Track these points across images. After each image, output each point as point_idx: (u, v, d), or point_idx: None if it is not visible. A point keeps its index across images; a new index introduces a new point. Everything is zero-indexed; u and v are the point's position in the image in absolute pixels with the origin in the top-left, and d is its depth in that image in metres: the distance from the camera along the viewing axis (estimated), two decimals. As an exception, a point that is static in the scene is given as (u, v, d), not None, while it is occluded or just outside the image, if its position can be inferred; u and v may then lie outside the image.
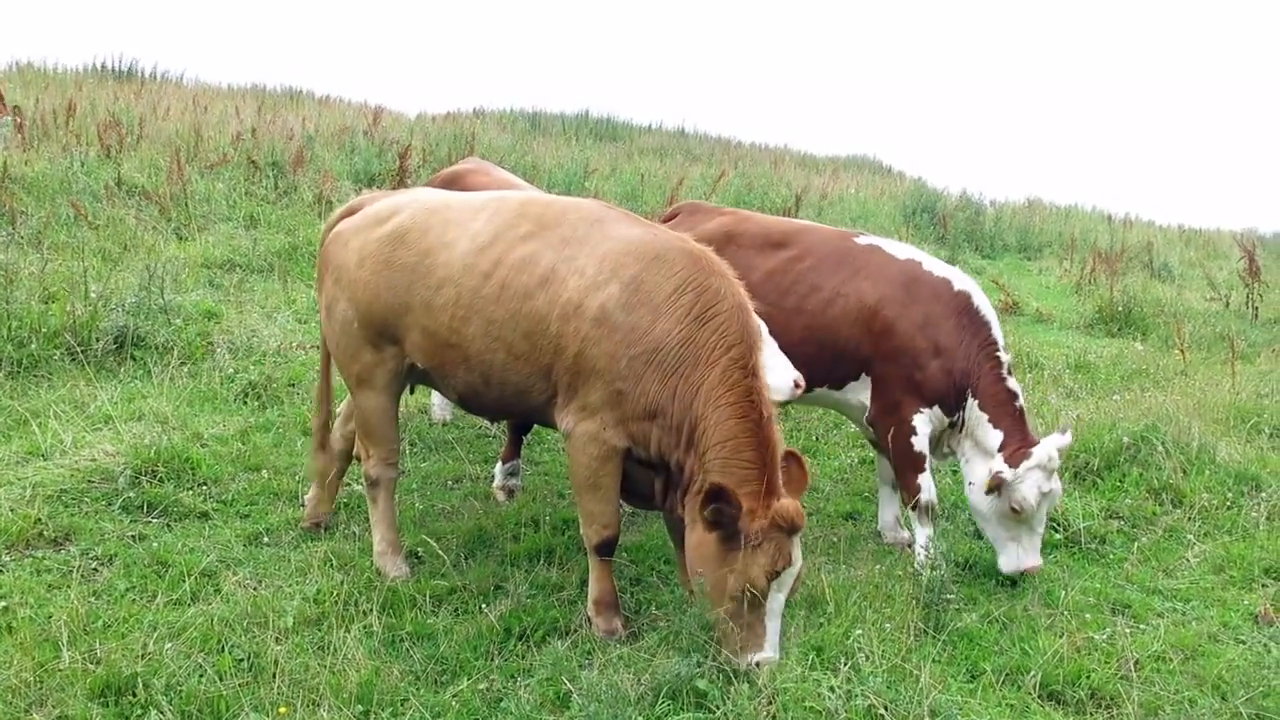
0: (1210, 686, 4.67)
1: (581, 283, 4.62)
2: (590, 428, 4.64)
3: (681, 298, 4.58)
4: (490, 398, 4.99)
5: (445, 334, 4.87)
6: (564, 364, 4.66)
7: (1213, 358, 11.00)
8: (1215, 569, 6.11)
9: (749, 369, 4.52)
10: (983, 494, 5.54)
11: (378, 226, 5.13)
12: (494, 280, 4.76)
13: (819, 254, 6.15)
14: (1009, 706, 4.44)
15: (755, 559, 4.24)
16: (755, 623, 4.31)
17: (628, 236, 4.74)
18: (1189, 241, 21.58)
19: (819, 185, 20.27)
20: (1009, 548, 5.57)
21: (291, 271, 10.14)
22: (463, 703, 4.21)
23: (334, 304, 5.23)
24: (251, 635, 4.52)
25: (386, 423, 5.32)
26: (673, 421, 4.55)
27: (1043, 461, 5.40)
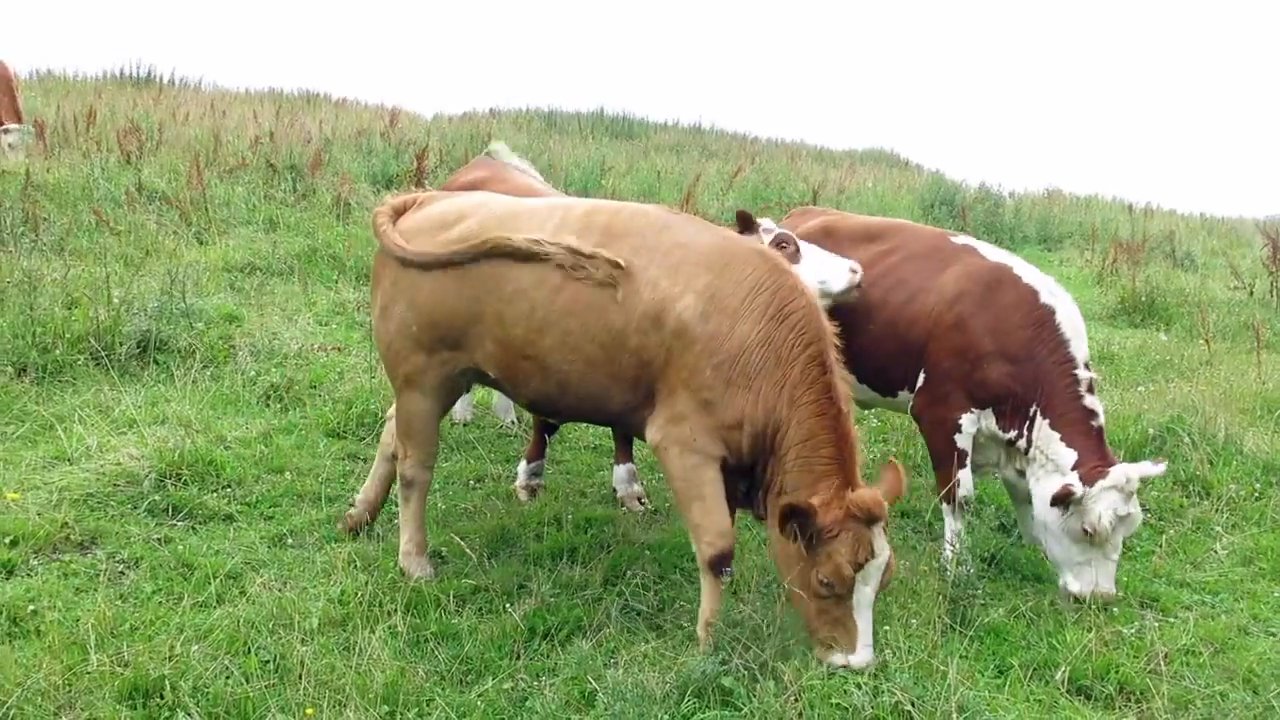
0: (1241, 680, 4.62)
1: (656, 295, 4.59)
2: (681, 435, 4.59)
3: (757, 298, 4.56)
4: (565, 404, 4.97)
5: (520, 345, 4.83)
6: (649, 375, 4.64)
7: (1238, 347, 10.89)
8: (1244, 561, 6.05)
9: (826, 365, 4.53)
10: (1049, 506, 5.29)
11: (443, 231, 5.05)
12: (565, 294, 4.71)
13: (910, 249, 6.10)
14: (1037, 702, 4.41)
15: (836, 549, 4.24)
16: (844, 618, 4.31)
17: (697, 243, 4.71)
18: (1211, 230, 21.37)
19: (836, 179, 20.18)
20: (1081, 572, 5.26)
21: (311, 274, 10.17)
22: (488, 702, 4.21)
23: (391, 305, 5.16)
24: (277, 637, 4.53)
25: (429, 426, 5.31)
26: (759, 425, 4.53)
27: (1120, 483, 5.15)
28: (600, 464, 7.13)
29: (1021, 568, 5.77)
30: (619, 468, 6.58)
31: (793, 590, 4.41)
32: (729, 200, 15.74)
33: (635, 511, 6.38)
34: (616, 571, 5.34)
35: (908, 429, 7.65)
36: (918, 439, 7.35)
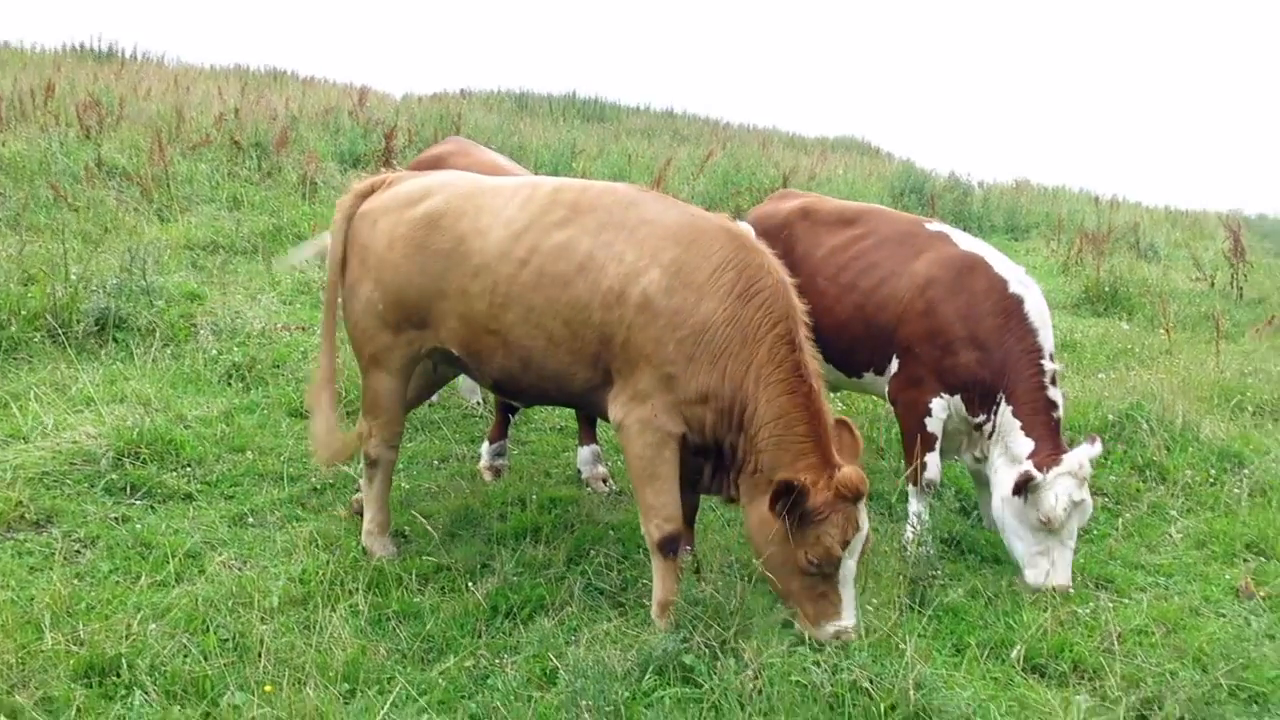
0: (1191, 659, 4.70)
1: (621, 270, 4.57)
2: (643, 414, 4.57)
3: (723, 276, 4.54)
4: (528, 382, 4.94)
5: (484, 321, 4.80)
6: (612, 352, 4.61)
7: (1197, 337, 11.06)
8: (1198, 544, 6.15)
9: (795, 343, 4.53)
10: (1011, 500, 5.33)
11: (409, 208, 5.03)
12: (530, 267, 4.69)
13: (883, 234, 6.13)
14: (993, 680, 4.46)
15: (826, 531, 4.28)
16: (830, 592, 4.38)
17: (664, 219, 4.69)
18: (1175, 222, 21.63)
19: (807, 166, 20.23)
20: (1038, 562, 5.29)
21: (276, 253, 10.06)
22: (449, 680, 4.21)
23: (358, 285, 5.13)
24: (237, 615, 4.51)
25: (395, 405, 5.28)
26: (725, 402, 4.52)
27: (1073, 469, 5.21)
28: (565, 445, 7.13)
29: (981, 549, 5.83)
30: (583, 449, 6.58)
31: (774, 570, 4.43)
32: (699, 185, 15.75)
33: (599, 492, 6.38)
34: (580, 551, 5.35)
35: (872, 412, 7.72)
36: (882, 422, 7.43)
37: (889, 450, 7.22)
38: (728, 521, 5.87)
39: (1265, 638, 5.01)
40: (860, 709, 4.03)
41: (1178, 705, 4.18)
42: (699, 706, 3.99)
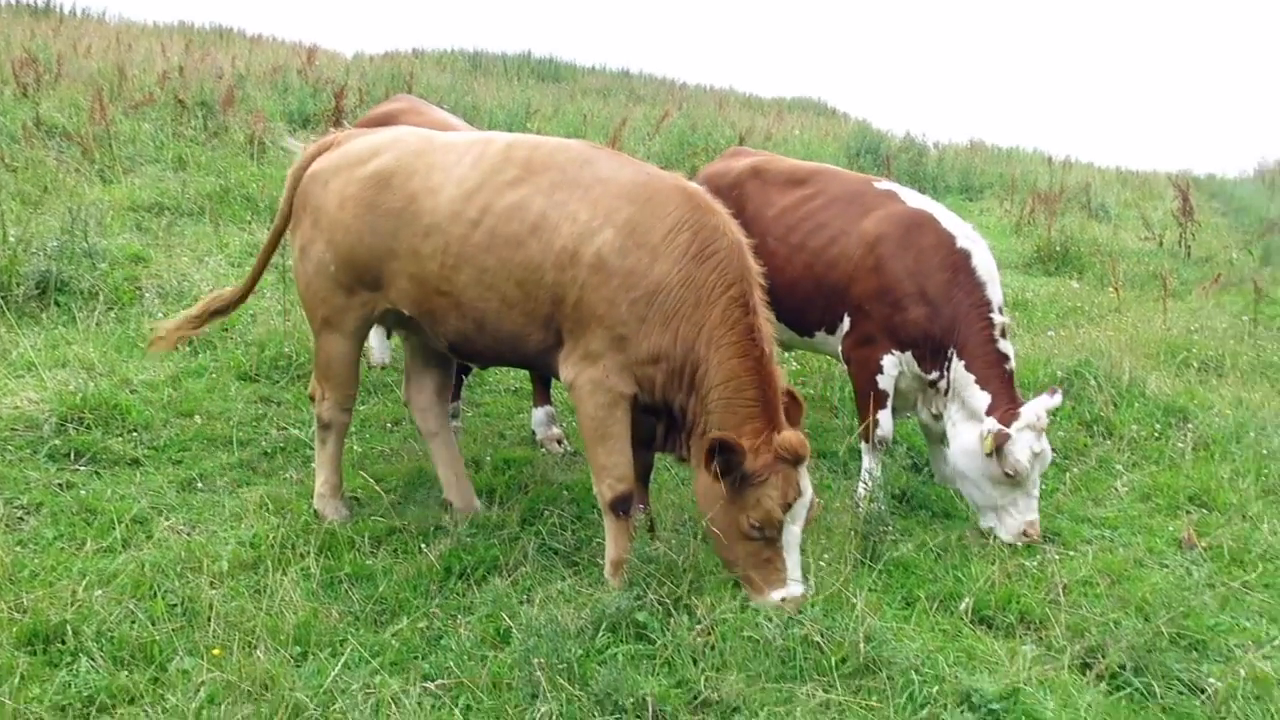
0: (1134, 608, 4.80)
1: (575, 229, 4.51)
2: (594, 375, 4.54)
3: (678, 237, 4.50)
4: (483, 344, 4.89)
5: (435, 282, 4.74)
6: (564, 313, 4.56)
7: (1146, 295, 11.21)
8: (1142, 497, 6.27)
9: (749, 306, 4.49)
10: (974, 455, 5.39)
11: (359, 167, 4.94)
12: (483, 227, 4.62)
13: (833, 194, 6.13)
14: (941, 631, 4.53)
15: (766, 494, 4.26)
16: (774, 558, 4.35)
17: (619, 178, 4.63)
18: (1126, 182, 21.85)
19: (764, 126, 20.18)
20: (1005, 515, 5.42)
21: (223, 214, 9.88)
22: (402, 641, 4.20)
23: (309, 246, 5.05)
24: (185, 580, 4.46)
25: (348, 367, 5.22)
26: (676, 364, 4.49)
27: (1033, 421, 5.29)
28: (519, 407, 7.11)
29: (931, 505, 5.90)
30: (537, 410, 6.56)
31: (719, 536, 4.42)
32: (655, 145, 15.65)
33: (554, 453, 6.37)
34: (534, 511, 5.34)
35: (826, 371, 7.76)
36: (835, 381, 7.47)
37: (842, 409, 7.27)
38: (681, 481, 5.89)
39: (1205, 587, 5.13)
40: (812, 662, 4.07)
41: (1120, 653, 4.27)
42: (652, 662, 4.02)
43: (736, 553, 4.40)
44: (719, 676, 3.95)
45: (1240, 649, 4.57)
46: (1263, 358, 8.98)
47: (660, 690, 3.81)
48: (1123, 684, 4.20)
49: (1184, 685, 4.23)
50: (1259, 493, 6.26)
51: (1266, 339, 9.68)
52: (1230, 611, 4.94)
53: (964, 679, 4.06)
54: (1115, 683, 4.21)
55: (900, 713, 3.86)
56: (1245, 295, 11.11)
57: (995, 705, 3.88)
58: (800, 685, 3.97)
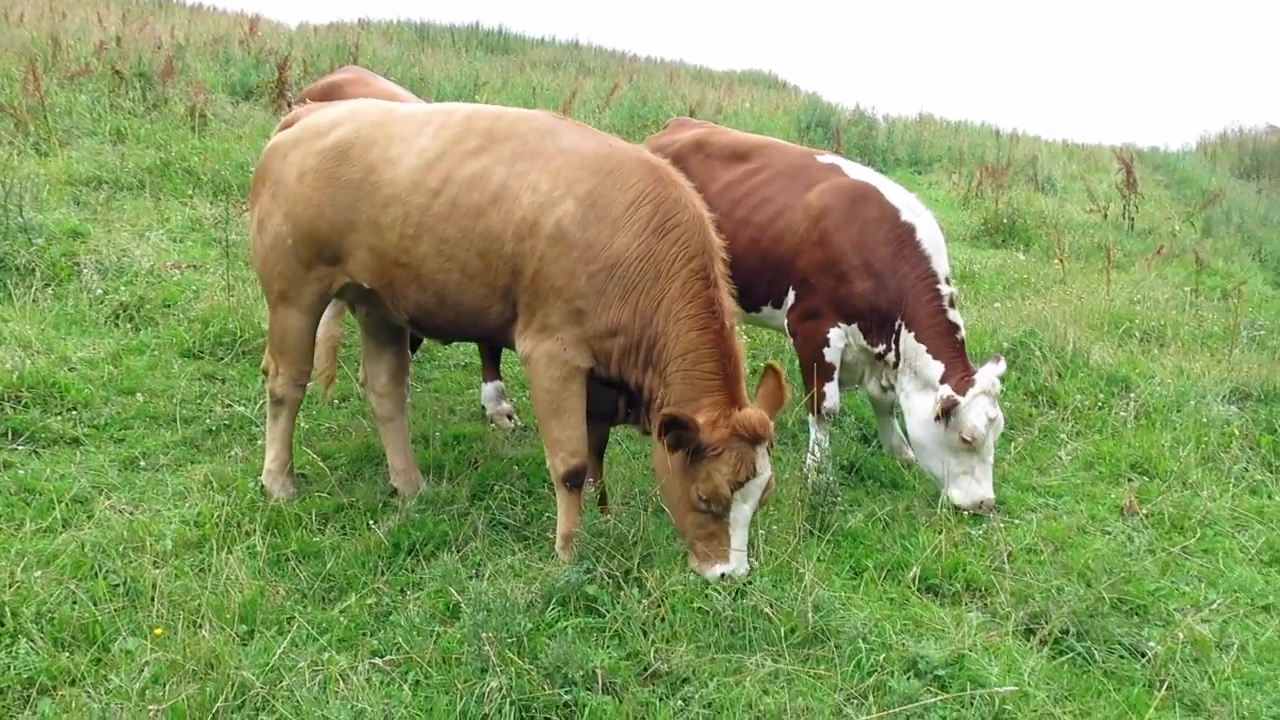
0: (1077, 575, 4.89)
1: (536, 199, 4.45)
2: (551, 348, 4.50)
3: (639, 210, 4.45)
4: (444, 319, 4.82)
5: (394, 254, 4.66)
6: (522, 284, 4.50)
7: (1090, 267, 11.38)
8: (1086, 466, 6.38)
9: (710, 279, 4.45)
10: (930, 425, 5.44)
11: (318, 139, 4.86)
12: (444, 198, 4.55)
13: (777, 168, 6.11)
14: (889, 600, 4.58)
15: (717, 469, 4.22)
16: (720, 533, 4.33)
17: (581, 149, 4.58)
18: (1072, 155, 22.13)
19: (714, 99, 20.12)
20: (962, 481, 5.46)
21: (164, 189, 9.67)
22: (351, 618, 4.16)
23: (267, 218, 4.96)
24: (128, 560, 4.39)
25: (303, 343, 5.14)
26: (634, 338, 4.45)
27: (987, 388, 5.36)
28: (469, 382, 7.06)
29: (879, 475, 5.96)
30: (487, 385, 6.52)
31: (671, 505, 4.44)
32: (605, 118, 15.56)
33: (504, 428, 6.34)
34: (484, 486, 5.32)
35: (775, 344, 7.78)
36: (785, 354, 7.50)
37: (790, 381, 7.29)
38: (632, 454, 5.90)
39: (1146, 553, 5.25)
40: (761, 632, 4.11)
41: (1063, 619, 4.35)
42: (602, 635, 4.02)
43: (685, 522, 4.42)
44: (669, 648, 3.97)
45: (1179, 613, 4.68)
46: (1203, 327, 9.17)
47: (610, 662, 3.82)
48: (1065, 649, 4.28)
49: (1125, 649, 4.33)
50: (1199, 460, 6.41)
51: (1207, 309, 9.88)
52: (1170, 577, 5.06)
53: (911, 646, 4.11)
54: (1058, 647, 4.29)
55: (848, 680, 3.90)
56: (1187, 266, 11.32)
57: (941, 671, 3.93)
58: (749, 655, 4.00)
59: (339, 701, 3.55)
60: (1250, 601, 4.91)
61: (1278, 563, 5.34)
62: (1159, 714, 3.84)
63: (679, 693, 3.79)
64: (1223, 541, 5.46)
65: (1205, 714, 3.99)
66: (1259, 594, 4.97)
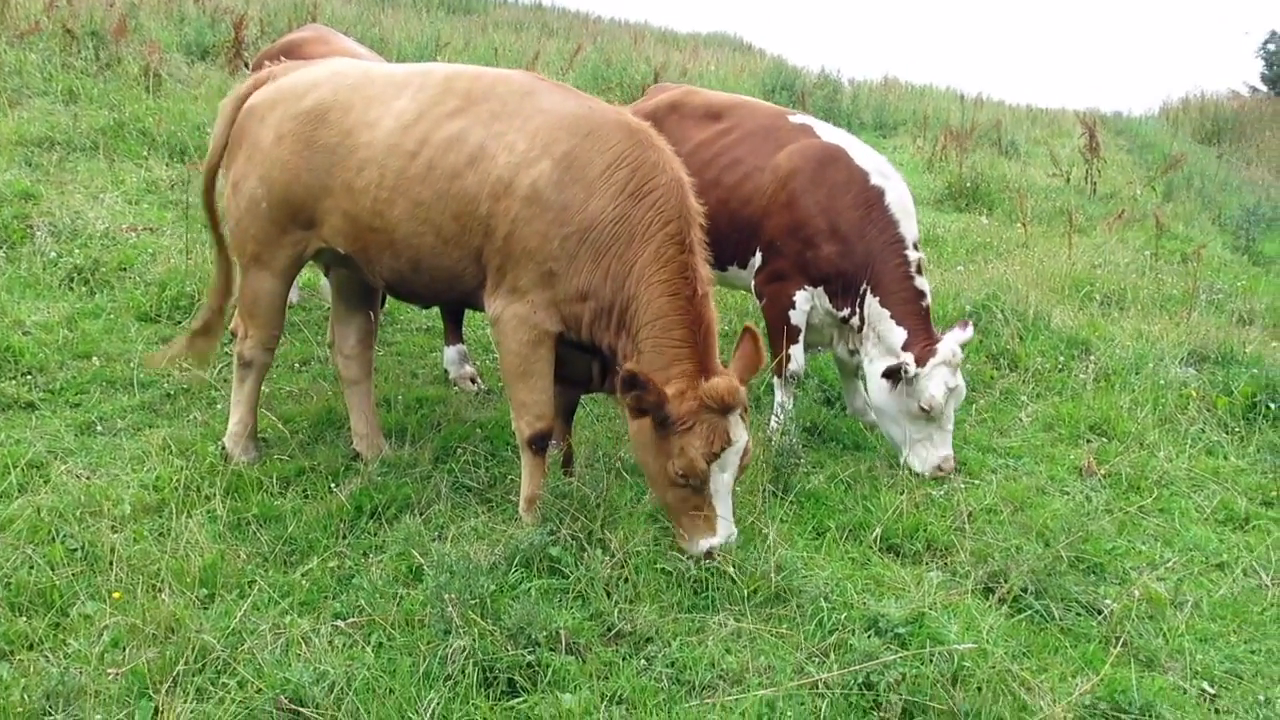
0: (1036, 534, 4.95)
1: (512, 159, 4.39)
2: (520, 311, 4.44)
3: (616, 173, 4.38)
4: (420, 284, 4.76)
5: (368, 218, 4.59)
6: (494, 246, 4.43)
7: (1052, 231, 11.45)
8: (1045, 427, 6.45)
9: (685, 245, 4.38)
10: (890, 391, 5.43)
11: (296, 102, 4.78)
12: (420, 160, 4.48)
13: (747, 129, 6.06)
14: (850, 560, 4.63)
15: (690, 442, 4.14)
16: (702, 506, 4.24)
17: (560, 110, 4.51)
18: (1035, 120, 22.19)
19: (679, 62, 19.97)
20: (920, 448, 5.47)
21: (118, 150, 9.47)
22: (313, 581, 4.14)
23: (242, 181, 4.88)
24: (85, 525, 4.34)
25: (275, 307, 5.08)
26: (605, 302, 4.39)
27: (948, 358, 5.35)
28: (432, 345, 7.01)
29: (842, 437, 5.99)
30: (450, 349, 6.47)
31: (651, 482, 4.39)
32: (568, 80, 15.39)
33: (467, 391, 6.31)
34: (447, 449, 5.29)
35: (740, 306, 7.78)
36: (751, 315, 7.49)
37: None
38: (596, 417, 5.89)
39: (1104, 513, 5.33)
40: (724, 592, 4.13)
41: (1022, 577, 4.41)
42: (566, 596, 4.03)
43: (666, 499, 4.34)
44: (632, 608, 3.98)
45: (1135, 571, 4.76)
46: (1163, 291, 9.27)
47: (574, 623, 3.83)
48: (1024, 607, 4.34)
49: (1082, 607, 4.39)
50: (1156, 421, 6.49)
51: (1167, 273, 9.98)
52: (1127, 536, 5.14)
53: (872, 605, 4.16)
54: (1017, 605, 4.35)
55: (810, 639, 3.94)
56: (1147, 230, 11.43)
57: (901, 630, 3.97)
58: (712, 615, 4.03)
59: (301, 664, 3.53)
60: (1204, 560, 5.00)
61: (1232, 522, 5.44)
62: (1114, 669, 3.90)
63: (642, 652, 3.81)
64: (1178, 501, 5.55)
65: (1159, 669, 4.07)
66: (1213, 552, 5.06)
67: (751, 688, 3.63)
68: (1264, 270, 11.15)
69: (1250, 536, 5.27)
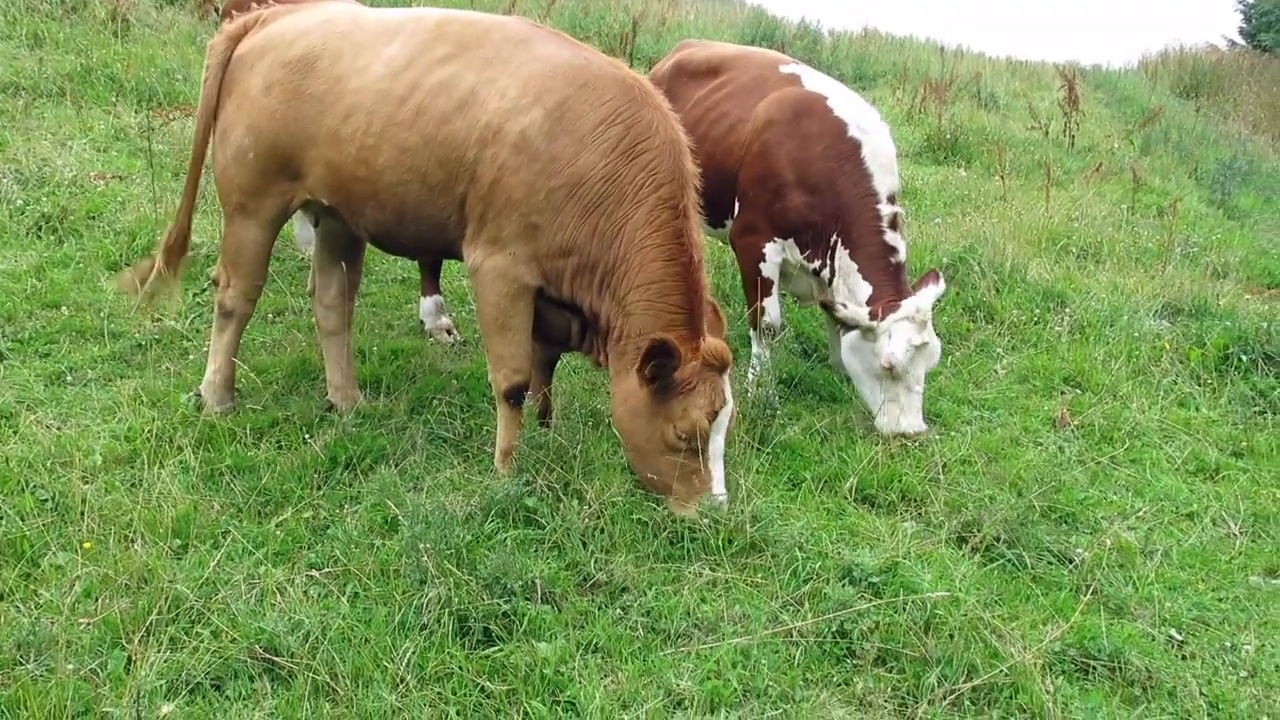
0: (1009, 484, 4.98)
1: (502, 105, 4.30)
2: (500, 263, 4.38)
3: (610, 129, 4.29)
4: (406, 236, 4.69)
5: (352, 166, 4.51)
6: (478, 193, 4.36)
7: (1030, 184, 11.43)
8: (1020, 379, 6.48)
9: (679, 209, 4.31)
10: (855, 349, 5.36)
11: (285, 50, 4.69)
12: (409, 105, 4.39)
13: (740, 82, 5.99)
14: (826, 510, 4.65)
15: (693, 403, 4.15)
16: (698, 470, 4.24)
17: (556, 59, 4.41)
18: (1015, 72, 22.07)
19: (658, 11, 19.69)
20: (888, 409, 5.34)
21: (86, 96, 9.27)
22: (287, 532, 4.13)
23: (230, 130, 4.81)
24: (56, 475, 4.31)
25: (259, 258, 5.02)
26: (588, 260, 4.33)
27: (910, 314, 5.23)
28: (408, 297, 6.95)
29: (818, 389, 6.00)
30: (426, 299, 6.42)
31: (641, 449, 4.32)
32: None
33: (443, 343, 6.27)
34: (422, 401, 5.27)
35: (716, 259, 7.75)
36: (728, 270, 7.48)
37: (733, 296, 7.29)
38: (572, 370, 5.86)
39: (1076, 463, 5.37)
40: (699, 543, 4.15)
41: (995, 527, 4.45)
42: (542, 546, 4.04)
43: (660, 466, 4.28)
44: (608, 558, 4.00)
45: (1107, 521, 4.82)
46: (1138, 244, 9.30)
47: (549, 573, 3.83)
48: (996, 556, 4.38)
49: (1054, 556, 4.44)
50: (1129, 373, 6.53)
51: (1143, 226, 10.01)
52: (1099, 486, 5.19)
53: (846, 555, 4.18)
54: (989, 555, 4.39)
55: (785, 588, 3.96)
56: (1124, 184, 11.44)
57: (875, 578, 4.00)
58: (688, 565, 4.05)
59: (276, 614, 3.52)
60: (1175, 509, 5.06)
61: (1202, 472, 5.50)
62: (1084, 617, 3.95)
63: (618, 602, 3.83)
64: (1150, 452, 5.60)
65: (1129, 616, 4.12)
66: (1183, 502, 5.12)
67: (726, 636, 3.66)
68: (1238, 224, 11.20)
69: (1220, 486, 5.33)
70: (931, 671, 3.55)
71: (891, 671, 3.62)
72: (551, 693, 3.36)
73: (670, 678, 3.44)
